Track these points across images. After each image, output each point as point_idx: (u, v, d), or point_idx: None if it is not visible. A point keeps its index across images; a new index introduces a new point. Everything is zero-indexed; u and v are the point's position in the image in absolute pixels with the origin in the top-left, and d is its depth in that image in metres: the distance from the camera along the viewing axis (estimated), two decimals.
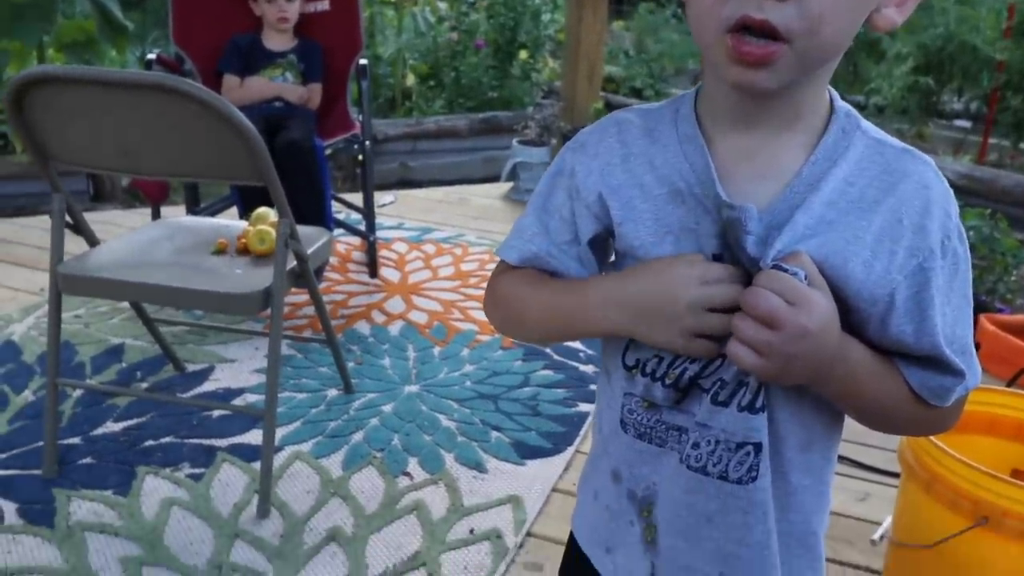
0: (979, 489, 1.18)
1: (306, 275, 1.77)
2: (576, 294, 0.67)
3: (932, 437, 1.24)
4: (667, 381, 0.64)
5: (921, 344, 0.60)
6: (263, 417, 1.65)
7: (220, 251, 1.83)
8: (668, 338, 0.61)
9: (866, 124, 0.64)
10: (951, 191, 0.62)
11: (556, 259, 0.69)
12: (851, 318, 0.60)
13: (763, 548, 0.63)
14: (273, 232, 1.76)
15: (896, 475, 1.76)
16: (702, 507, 0.63)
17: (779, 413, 0.63)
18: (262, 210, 1.93)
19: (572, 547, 0.80)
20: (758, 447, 0.61)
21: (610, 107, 4.60)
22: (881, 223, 0.59)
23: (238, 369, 2.21)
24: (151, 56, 2.61)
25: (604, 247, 0.69)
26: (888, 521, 1.55)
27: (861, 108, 5.22)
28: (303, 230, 1.83)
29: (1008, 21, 4.49)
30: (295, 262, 1.74)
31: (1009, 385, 1.79)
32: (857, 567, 1.56)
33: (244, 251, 1.83)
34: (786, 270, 0.57)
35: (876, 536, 1.60)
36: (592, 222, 0.67)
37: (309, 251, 1.78)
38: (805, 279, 0.57)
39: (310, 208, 2.43)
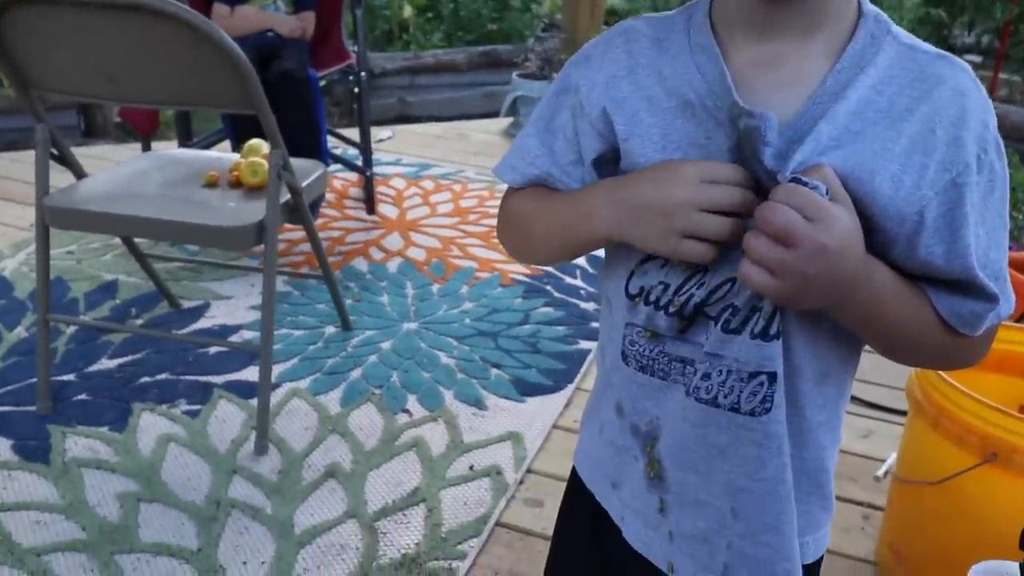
0: (988, 425, 1.16)
1: (300, 208, 1.72)
2: (580, 199, 0.64)
3: (942, 373, 1.22)
4: (671, 309, 0.60)
5: (952, 267, 0.56)
6: (259, 354, 1.63)
7: (211, 184, 1.78)
8: (659, 236, 0.57)
9: (897, 29, 0.58)
10: (989, 100, 0.57)
11: (560, 181, 0.66)
12: (876, 239, 0.56)
13: (777, 483, 0.60)
14: (266, 164, 1.70)
15: (900, 412, 1.75)
16: (712, 440, 0.60)
17: (794, 342, 0.59)
18: (255, 142, 1.87)
19: (574, 484, 0.77)
20: (772, 377, 0.58)
21: None
22: (912, 134, 0.54)
23: (234, 306, 2.17)
24: None
25: (611, 169, 0.65)
26: (892, 458, 1.54)
27: None
28: (297, 163, 1.77)
29: None
30: (289, 195, 1.69)
31: (1019, 321, 1.76)
32: (859, 503, 1.55)
33: (236, 184, 1.78)
34: (805, 183, 0.52)
35: (880, 473, 1.59)
36: (596, 140, 0.63)
37: (303, 184, 1.73)
38: (826, 193, 0.52)
39: (305, 141, 2.36)
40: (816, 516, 0.66)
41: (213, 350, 1.95)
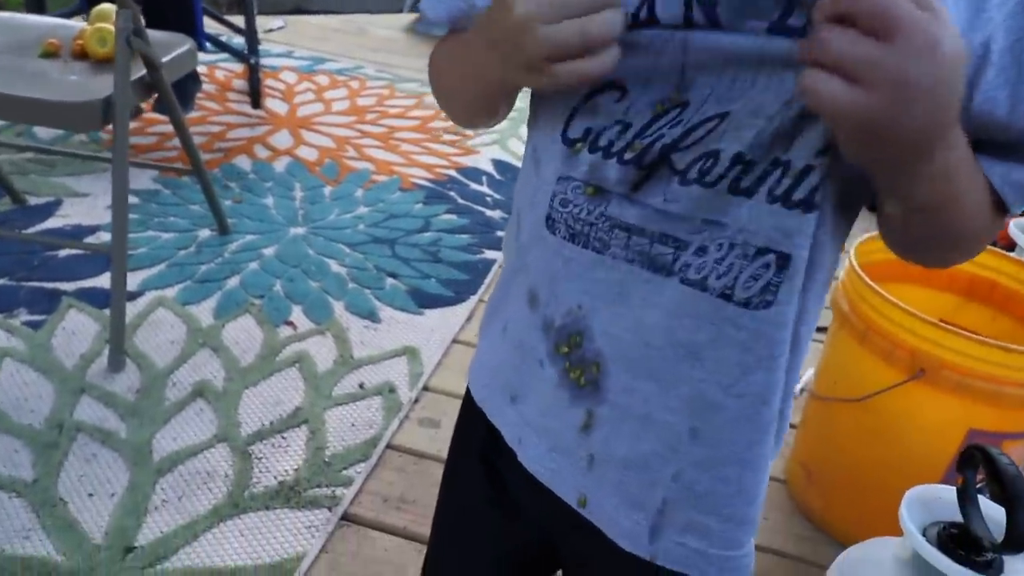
0: (918, 339, 1.08)
1: (161, 87, 1.47)
2: (469, 35, 0.50)
3: (873, 284, 1.13)
4: (627, 155, 0.45)
5: (1016, 116, 0.41)
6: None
7: (51, 53, 1.49)
8: (525, 70, 0.43)
9: None
10: None
11: None
12: None
13: (760, 403, 0.47)
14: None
15: (817, 329, 1.69)
16: (686, 338, 0.46)
17: (824, 220, 0.43)
18: (104, 6, 1.58)
19: (469, 402, 0.62)
20: (784, 260, 0.43)
21: None
22: None
23: (91, 204, 1.90)
24: None
25: None
26: (809, 374, 1.47)
27: None
28: (158, 35, 1.51)
29: None
30: (145, 71, 1.43)
31: None
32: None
33: (81, 55, 1.51)
34: None
35: (796, 389, 1.52)
36: None
37: (165, 59, 1.47)
38: None
39: (175, 14, 2.05)
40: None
41: (63, 253, 1.70)
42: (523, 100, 0.51)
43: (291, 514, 1.18)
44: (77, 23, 1.70)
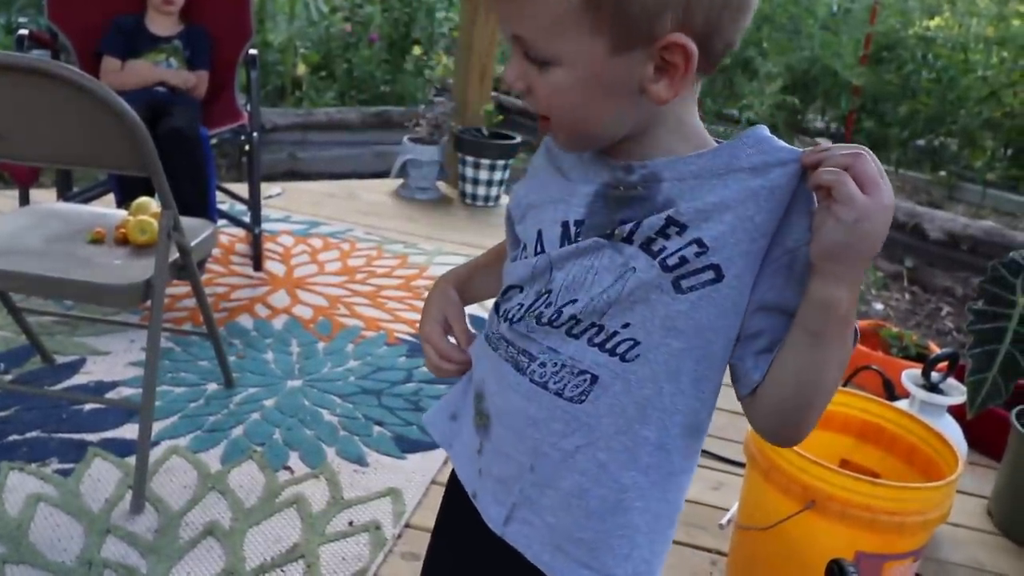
0: (808, 476, 1.33)
1: (189, 267, 1.76)
2: None
3: None
4: (516, 319, 0.76)
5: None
6: (138, 411, 1.63)
7: (97, 240, 1.79)
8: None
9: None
10: None
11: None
12: None
13: (568, 456, 0.72)
14: (155, 223, 1.74)
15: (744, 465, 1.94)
16: (533, 414, 0.73)
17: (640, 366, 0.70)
18: (143, 200, 1.89)
19: (450, 484, 0.88)
20: (595, 378, 0.70)
21: (502, 108, 4.69)
22: None
23: (112, 361, 2.15)
24: (23, 32, 2.48)
25: None
26: (735, 507, 1.70)
27: (735, 122, 5.55)
28: (186, 221, 1.81)
29: (864, 49, 4.90)
30: (177, 254, 1.72)
31: (844, 385, 2.00)
32: (708, 550, 1.70)
33: (123, 241, 1.80)
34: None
35: (723, 521, 1.75)
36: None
37: (192, 243, 1.77)
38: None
39: (194, 199, 2.39)
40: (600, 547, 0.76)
41: (88, 407, 1.93)
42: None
43: None
44: (115, 211, 2.01)
